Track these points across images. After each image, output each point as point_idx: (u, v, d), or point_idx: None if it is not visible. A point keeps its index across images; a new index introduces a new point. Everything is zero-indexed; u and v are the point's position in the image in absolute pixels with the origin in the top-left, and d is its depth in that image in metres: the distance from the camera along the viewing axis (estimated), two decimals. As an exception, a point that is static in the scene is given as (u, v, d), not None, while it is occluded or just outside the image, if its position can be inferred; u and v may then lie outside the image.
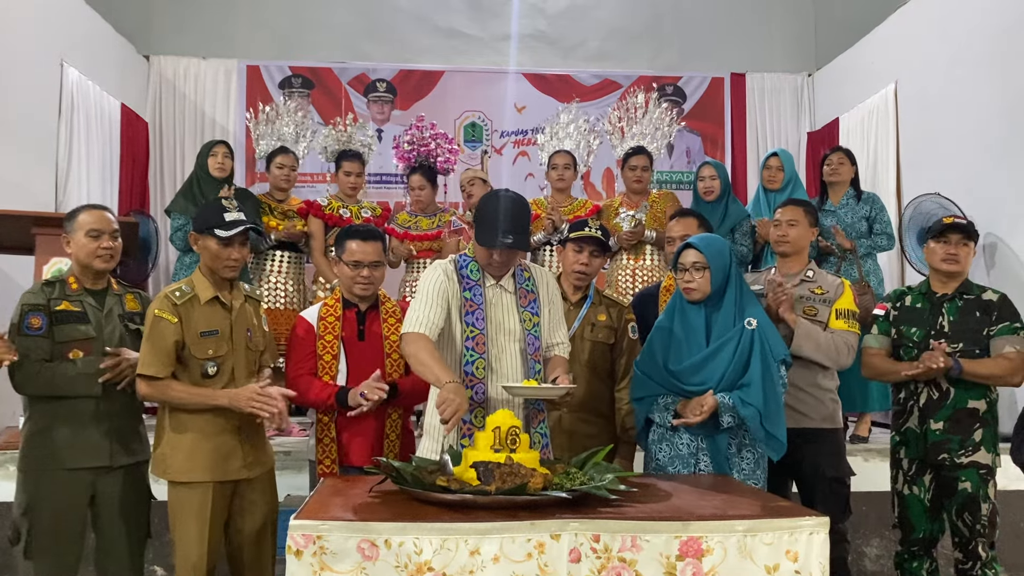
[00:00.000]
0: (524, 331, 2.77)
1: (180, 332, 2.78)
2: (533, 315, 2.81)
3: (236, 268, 2.91)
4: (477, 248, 2.77)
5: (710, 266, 2.92)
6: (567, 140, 5.18)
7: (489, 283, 2.79)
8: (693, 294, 2.95)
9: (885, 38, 6.54)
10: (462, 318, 2.73)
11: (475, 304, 2.75)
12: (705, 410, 2.80)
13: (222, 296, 2.89)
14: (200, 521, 2.78)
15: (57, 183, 5.63)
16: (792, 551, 2.09)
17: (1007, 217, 4.98)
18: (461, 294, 2.75)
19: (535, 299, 2.83)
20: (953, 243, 3.27)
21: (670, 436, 2.98)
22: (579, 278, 3.29)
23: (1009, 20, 5.01)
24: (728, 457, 2.91)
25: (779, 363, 2.89)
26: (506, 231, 2.66)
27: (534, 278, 2.87)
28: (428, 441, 2.79)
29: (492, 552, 2.02)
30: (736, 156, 7.68)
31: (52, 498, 2.89)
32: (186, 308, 2.81)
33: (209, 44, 7.43)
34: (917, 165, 5.98)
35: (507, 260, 2.76)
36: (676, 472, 2.93)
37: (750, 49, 7.81)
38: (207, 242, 2.85)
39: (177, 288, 2.85)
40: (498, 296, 2.79)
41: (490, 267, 2.77)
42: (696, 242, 2.98)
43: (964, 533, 3.20)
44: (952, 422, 3.20)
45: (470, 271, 2.79)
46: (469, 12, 7.74)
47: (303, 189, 6.62)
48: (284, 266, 5.01)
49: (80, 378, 2.89)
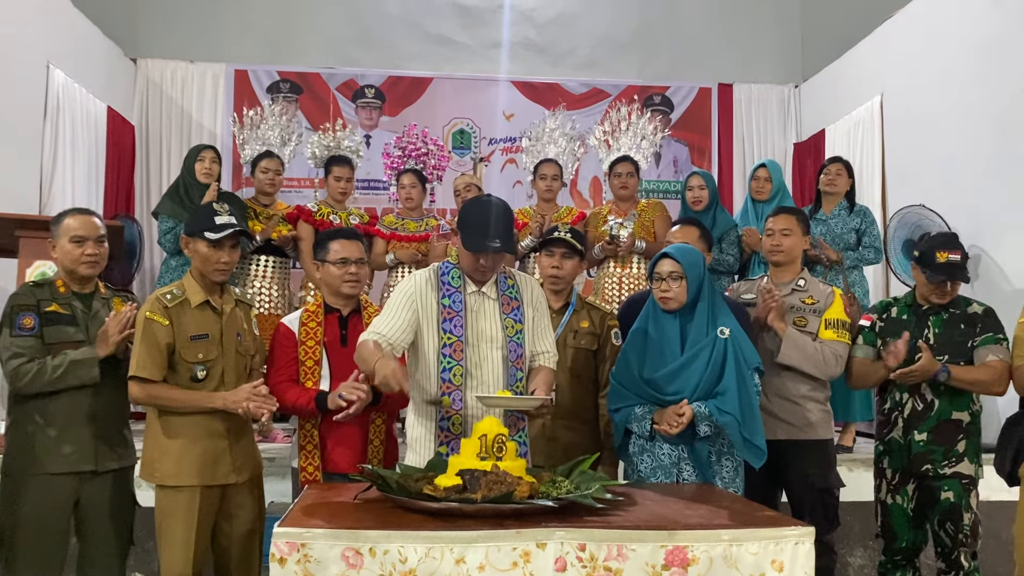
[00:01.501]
0: (506, 338, 2.76)
1: (171, 335, 2.77)
2: (516, 322, 2.79)
3: (226, 272, 2.91)
4: (462, 253, 2.75)
5: (687, 276, 2.94)
6: (551, 146, 5.19)
7: (471, 289, 2.78)
8: (669, 303, 2.97)
9: (871, 51, 6.60)
10: (439, 325, 2.71)
11: (454, 311, 2.73)
12: (683, 420, 2.81)
13: (213, 300, 2.89)
14: (187, 525, 2.77)
15: (42, 185, 5.58)
16: (778, 561, 2.09)
17: (991, 229, 5.02)
18: (439, 301, 2.73)
19: (519, 306, 2.82)
20: (948, 284, 3.26)
21: (651, 447, 2.99)
22: (554, 282, 3.29)
23: (994, 34, 5.07)
24: (709, 466, 2.92)
25: (752, 371, 2.91)
26: (492, 235, 2.66)
27: (518, 285, 2.85)
28: (411, 455, 2.78)
29: (478, 561, 2.01)
30: (723, 166, 7.72)
31: (35, 503, 2.85)
32: (176, 311, 2.81)
33: (197, 48, 7.40)
34: (902, 176, 6.03)
35: (493, 265, 2.75)
36: (659, 482, 2.93)
37: (738, 60, 7.86)
38: (197, 245, 2.86)
39: (168, 291, 2.85)
40: (480, 303, 2.78)
41: (476, 272, 2.75)
42: (673, 252, 3.00)
43: (946, 543, 3.21)
44: (936, 433, 3.21)
45: (451, 278, 2.78)
46: (459, 19, 7.75)
47: (290, 194, 6.60)
48: (269, 271, 4.98)
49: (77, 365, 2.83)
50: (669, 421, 2.84)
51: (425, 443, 2.73)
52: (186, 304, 2.84)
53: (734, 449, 2.93)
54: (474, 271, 2.75)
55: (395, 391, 2.48)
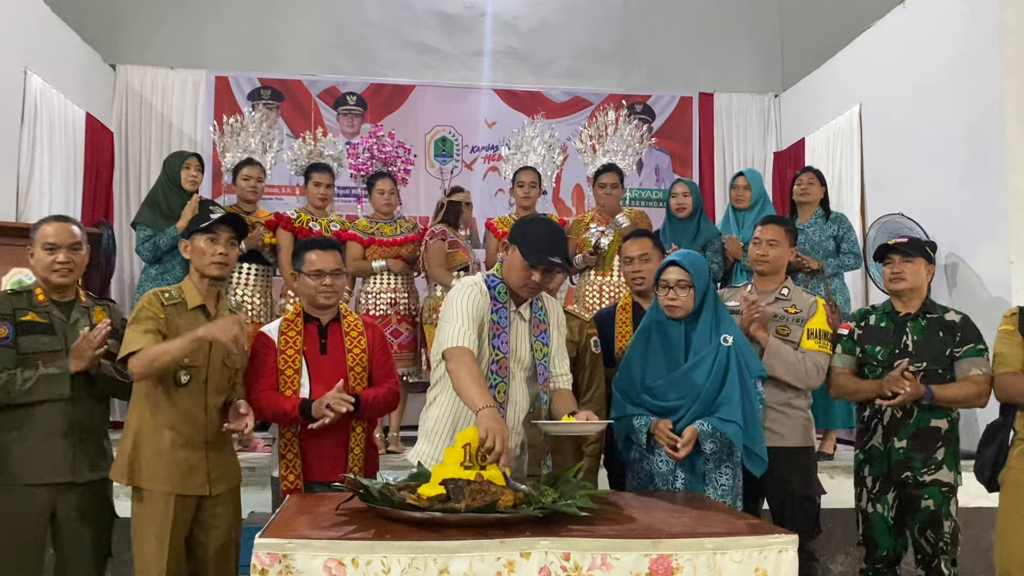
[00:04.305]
0: (534, 360, 2.77)
1: (164, 328, 2.76)
2: (544, 345, 2.80)
3: (222, 266, 2.90)
4: (514, 269, 2.70)
5: (694, 284, 2.95)
6: (531, 154, 5.20)
7: (512, 308, 2.77)
8: (676, 311, 2.98)
9: (850, 62, 6.67)
10: (490, 340, 2.70)
11: (501, 327, 2.71)
12: (685, 442, 2.84)
13: (208, 306, 2.89)
14: (160, 535, 2.74)
15: (18, 192, 5.51)
16: (761, 568, 2.10)
17: (968, 238, 5.08)
18: (490, 316, 2.70)
19: (546, 328, 2.83)
20: (896, 263, 3.34)
21: (648, 454, 3.01)
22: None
23: (970, 46, 5.13)
24: (705, 474, 2.93)
25: (755, 379, 2.92)
26: (554, 251, 2.65)
27: (546, 308, 2.86)
28: (425, 445, 2.78)
29: (461, 570, 2.00)
30: (704, 174, 7.76)
31: (11, 514, 2.81)
32: (172, 310, 2.82)
33: (177, 54, 7.34)
34: (881, 186, 6.09)
35: (544, 283, 2.73)
36: (656, 489, 2.95)
37: (718, 69, 7.92)
38: (195, 242, 2.89)
39: (167, 291, 2.88)
40: (515, 323, 2.78)
41: (524, 289, 2.72)
42: (680, 260, 3.01)
43: (927, 550, 3.23)
44: (915, 440, 3.24)
45: (498, 292, 2.74)
46: (441, 28, 7.75)
47: (271, 201, 6.57)
48: (251, 279, 4.94)
49: (48, 379, 2.80)
50: (669, 444, 2.87)
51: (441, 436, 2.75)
52: (182, 306, 2.85)
53: (732, 457, 2.94)
54: (522, 287, 2.72)
55: (492, 450, 2.34)
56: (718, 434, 2.84)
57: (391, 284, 4.98)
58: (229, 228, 2.93)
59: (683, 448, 2.85)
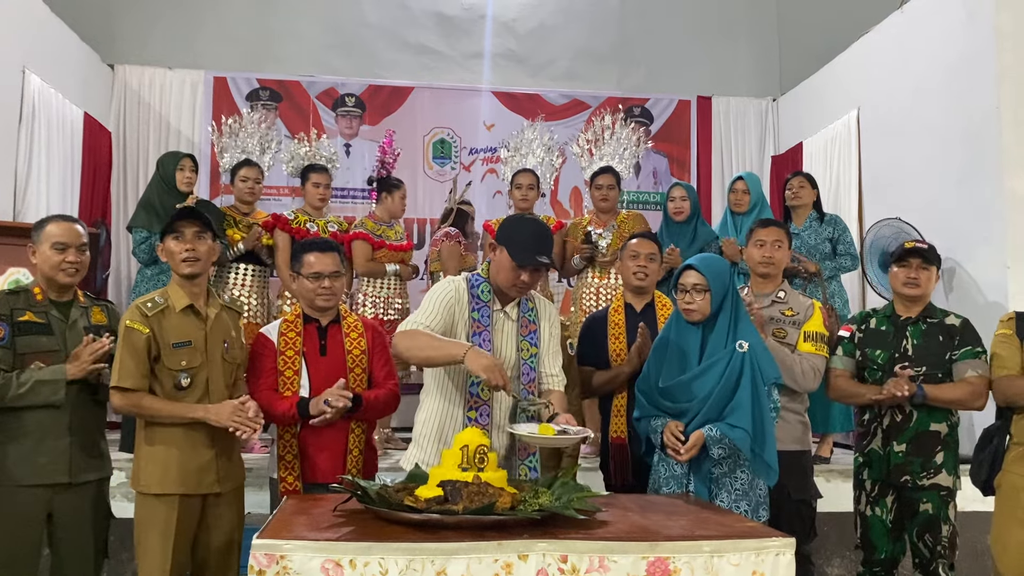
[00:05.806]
0: (520, 360, 2.78)
1: (152, 343, 2.74)
2: (532, 345, 2.81)
3: (193, 262, 2.85)
4: (502, 269, 2.74)
5: (711, 288, 2.95)
6: (530, 156, 5.21)
7: (495, 307, 2.78)
8: (693, 315, 2.98)
9: (848, 66, 6.67)
10: (468, 338, 2.72)
11: (482, 326, 2.74)
12: (689, 446, 2.84)
13: (197, 305, 2.86)
14: (165, 535, 2.74)
15: (16, 192, 5.50)
16: (759, 572, 2.10)
17: (966, 242, 5.09)
18: (469, 314, 2.73)
19: (536, 330, 2.84)
20: (914, 267, 3.33)
21: (666, 457, 3.01)
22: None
23: (968, 51, 5.14)
24: (718, 478, 2.92)
25: (770, 386, 2.91)
26: (541, 251, 2.69)
27: (537, 308, 2.88)
28: (415, 449, 2.80)
29: (459, 572, 2.00)
30: (702, 178, 7.76)
31: (7, 515, 2.80)
32: (158, 318, 2.79)
33: (176, 54, 7.33)
34: (878, 190, 6.10)
35: (533, 282, 2.76)
36: (671, 491, 2.95)
37: (716, 73, 7.92)
38: (166, 245, 2.87)
39: (150, 299, 2.84)
40: (500, 322, 2.79)
41: (513, 289, 2.75)
42: (697, 264, 3.00)
43: (925, 554, 3.24)
44: (914, 444, 3.24)
45: (481, 291, 2.77)
46: (440, 30, 7.75)
47: (268, 202, 6.56)
48: (248, 279, 4.93)
49: (42, 385, 2.79)
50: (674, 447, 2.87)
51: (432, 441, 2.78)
52: (169, 311, 2.82)
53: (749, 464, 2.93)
54: (511, 287, 2.74)
55: (497, 388, 2.47)
56: (726, 440, 2.83)
57: (387, 286, 4.99)
58: (193, 222, 2.88)
59: (686, 452, 2.85)
